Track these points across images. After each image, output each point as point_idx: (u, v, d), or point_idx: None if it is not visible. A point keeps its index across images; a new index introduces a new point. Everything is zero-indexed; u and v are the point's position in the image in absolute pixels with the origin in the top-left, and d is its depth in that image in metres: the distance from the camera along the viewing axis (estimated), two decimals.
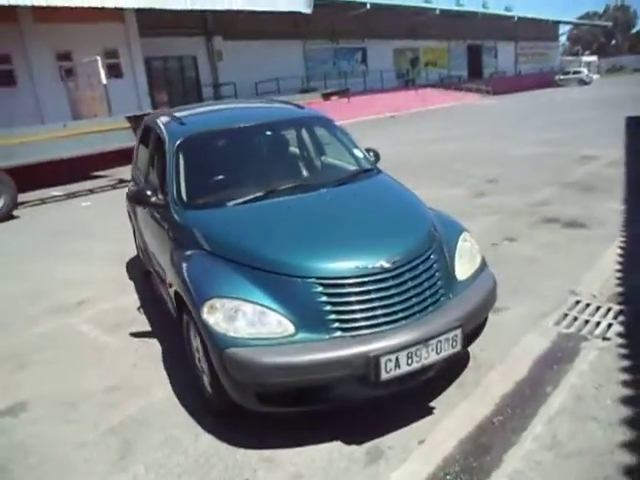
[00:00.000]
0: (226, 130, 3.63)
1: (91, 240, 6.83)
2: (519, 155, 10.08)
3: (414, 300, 2.53)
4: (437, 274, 2.66)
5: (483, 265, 2.99)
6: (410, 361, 2.37)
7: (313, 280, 2.46)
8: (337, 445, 2.55)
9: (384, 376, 2.33)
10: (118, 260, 5.72)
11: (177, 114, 3.99)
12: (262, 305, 2.45)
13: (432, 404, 2.79)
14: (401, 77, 32.05)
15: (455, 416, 2.68)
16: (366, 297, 2.45)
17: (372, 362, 2.30)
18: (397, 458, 2.43)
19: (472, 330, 2.72)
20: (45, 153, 9.37)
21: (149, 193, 3.32)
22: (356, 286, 2.46)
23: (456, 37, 35.34)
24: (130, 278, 5.20)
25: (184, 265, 2.80)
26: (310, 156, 3.84)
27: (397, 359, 2.34)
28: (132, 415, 2.94)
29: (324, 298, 2.43)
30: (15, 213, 9.21)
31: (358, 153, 3.77)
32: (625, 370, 2.89)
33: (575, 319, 3.56)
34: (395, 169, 4.40)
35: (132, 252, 5.53)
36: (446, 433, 2.57)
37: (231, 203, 3.08)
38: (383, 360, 2.31)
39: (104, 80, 12.27)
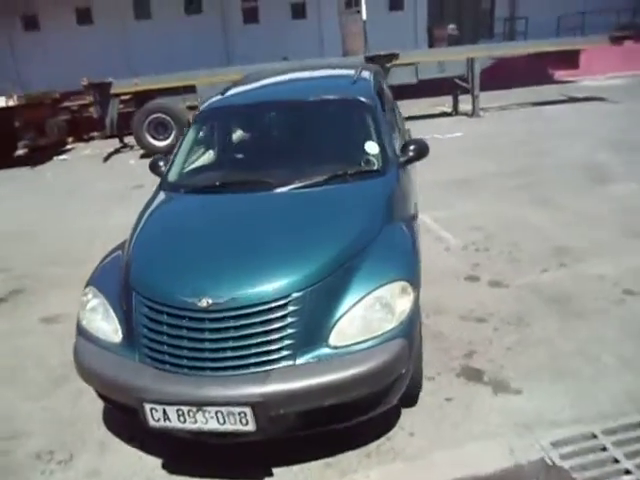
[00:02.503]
0: (242, 107, 3.42)
1: None
2: None
3: (230, 353, 2.12)
4: (285, 330, 2.13)
5: (395, 334, 2.20)
6: (182, 419, 2.06)
7: (141, 298, 2.30)
8: (156, 465, 2.46)
9: (152, 423, 2.10)
10: None
11: (240, 83, 3.92)
12: (112, 308, 2.44)
13: (276, 470, 2.37)
14: None
15: None
16: (176, 332, 2.18)
17: (139, 404, 2.10)
18: None
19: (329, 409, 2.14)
20: None
21: (161, 163, 3.45)
22: (171, 317, 2.20)
23: None
24: None
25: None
26: (318, 145, 3.28)
27: (165, 411, 2.06)
28: None
29: (145, 320, 2.27)
30: None
31: (372, 149, 3.08)
32: None
33: (599, 451, 2.35)
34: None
35: None
36: None
37: (182, 190, 3.01)
38: (147, 407, 2.07)
39: (364, 15, 12.45)
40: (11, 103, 9.66)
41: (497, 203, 5.62)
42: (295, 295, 2.16)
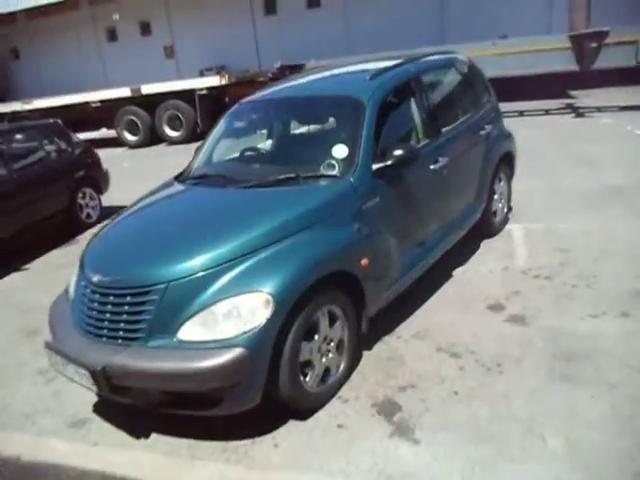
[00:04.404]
0: (256, 104, 3.61)
1: None
2: None
3: (107, 324, 2.50)
4: (142, 315, 2.40)
5: (237, 342, 2.26)
6: (63, 369, 2.53)
7: (79, 266, 2.82)
8: (92, 402, 3.00)
9: (52, 365, 2.62)
10: None
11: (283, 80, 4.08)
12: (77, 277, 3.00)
13: (155, 435, 2.66)
14: None
15: None
16: (83, 299, 2.64)
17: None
18: None
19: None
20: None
21: None
22: (83, 287, 2.66)
23: None
24: None
25: None
26: (299, 144, 3.20)
27: (54, 358, 2.55)
28: None
29: (76, 285, 2.80)
30: None
31: (339, 153, 2.95)
32: None
33: None
34: None
35: None
36: None
37: (176, 179, 3.41)
38: (47, 351, 2.60)
39: None
40: (223, 82, 11.35)
41: (626, 224, 4.54)
42: (158, 286, 2.39)
